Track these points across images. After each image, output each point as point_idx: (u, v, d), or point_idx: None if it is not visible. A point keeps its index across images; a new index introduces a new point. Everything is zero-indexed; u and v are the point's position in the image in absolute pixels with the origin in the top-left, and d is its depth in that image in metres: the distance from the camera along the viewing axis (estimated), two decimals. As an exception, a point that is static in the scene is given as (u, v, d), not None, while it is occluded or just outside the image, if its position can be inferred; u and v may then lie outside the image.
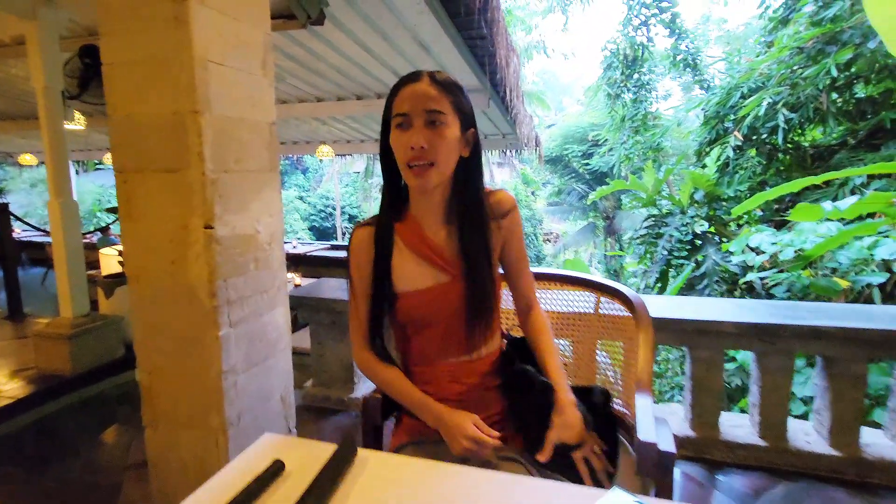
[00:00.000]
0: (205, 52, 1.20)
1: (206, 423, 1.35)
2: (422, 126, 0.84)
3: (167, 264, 1.30)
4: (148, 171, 1.27)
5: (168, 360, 1.36)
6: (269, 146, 1.46)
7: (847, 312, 1.67)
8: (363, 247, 0.95)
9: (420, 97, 0.84)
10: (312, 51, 4.14)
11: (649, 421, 0.87)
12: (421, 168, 0.85)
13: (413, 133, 0.84)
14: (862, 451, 1.64)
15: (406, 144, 0.85)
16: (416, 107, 0.84)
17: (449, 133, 0.85)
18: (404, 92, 0.86)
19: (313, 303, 2.11)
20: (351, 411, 2.18)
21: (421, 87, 0.85)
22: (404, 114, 0.85)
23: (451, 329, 0.93)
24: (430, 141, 0.84)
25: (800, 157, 6.47)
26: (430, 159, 0.85)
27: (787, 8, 6.72)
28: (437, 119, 0.84)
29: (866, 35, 5.27)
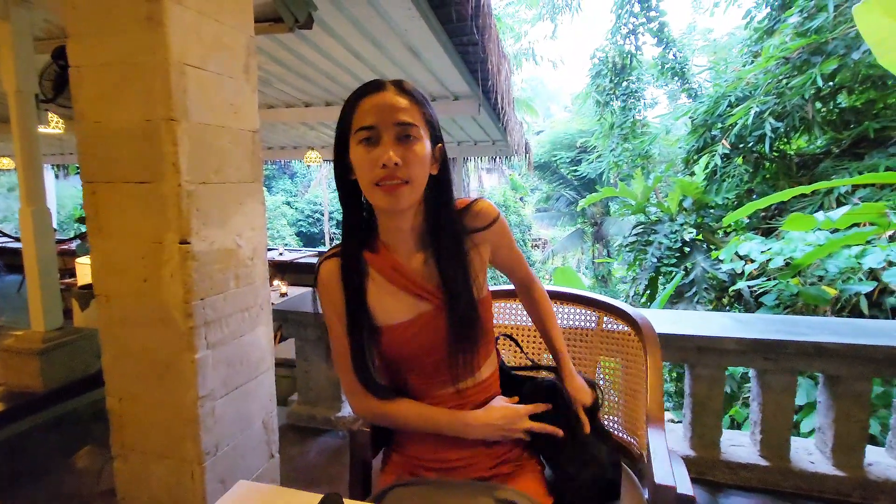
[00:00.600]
0: (182, 54, 1.12)
1: (180, 453, 1.25)
2: (392, 140, 0.75)
3: (139, 283, 1.20)
4: (118, 182, 1.18)
5: (140, 385, 1.26)
6: (251, 156, 1.37)
7: (849, 328, 1.63)
8: (333, 281, 0.85)
9: (388, 108, 0.75)
10: (300, 55, 4.05)
11: (665, 460, 0.80)
12: (392, 186, 0.75)
13: (382, 148, 0.74)
14: (867, 472, 1.59)
15: (375, 161, 0.74)
16: (384, 119, 0.75)
17: (421, 148, 0.77)
18: (367, 103, 0.76)
19: (299, 317, 2.02)
20: (338, 431, 2.08)
21: (388, 98, 0.76)
22: (370, 126, 0.75)
23: (436, 360, 0.85)
24: (404, 157, 0.74)
25: (785, 166, 6.54)
26: (404, 177, 0.75)
27: (772, 19, 6.82)
28: (410, 133, 0.76)
29: (850, 46, 5.35)
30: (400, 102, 0.76)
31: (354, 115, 0.77)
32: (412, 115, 0.76)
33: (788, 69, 5.69)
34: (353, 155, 0.78)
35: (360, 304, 0.83)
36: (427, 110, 0.79)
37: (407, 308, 0.84)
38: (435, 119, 0.81)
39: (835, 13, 5.41)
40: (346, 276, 0.83)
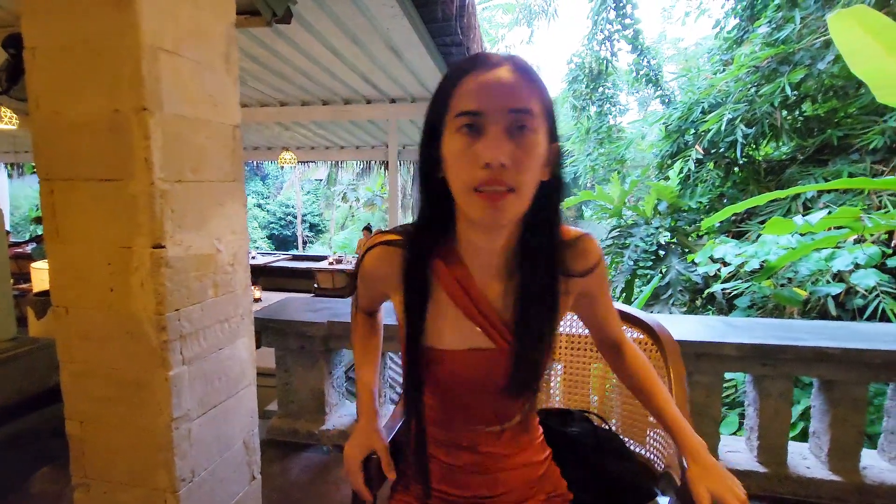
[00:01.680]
0: (155, 38, 1.00)
1: (151, 481, 1.12)
2: (501, 133, 0.57)
3: (104, 293, 1.07)
4: (80, 179, 1.05)
5: (104, 407, 1.13)
6: (232, 153, 1.26)
7: (846, 332, 1.63)
8: (384, 273, 0.72)
9: (501, 90, 0.57)
10: (277, 52, 3.91)
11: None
12: (496, 194, 0.57)
13: (488, 143, 0.57)
14: (862, 477, 1.59)
15: (476, 158, 0.57)
16: (494, 104, 0.57)
17: (538, 146, 0.59)
18: (473, 81, 0.58)
19: (280, 326, 1.89)
20: (322, 446, 1.96)
21: (502, 76, 0.58)
22: (475, 112, 0.58)
23: (484, 399, 0.74)
24: (514, 156, 0.57)
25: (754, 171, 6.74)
26: (512, 183, 0.57)
27: (741, 29, 7.04)
28: (525, 123, 0.58)
29: (815, 57, 5.55)
30: (516, 83, 0.58)
31: (454, 94, 0.59)
32: (530, 100, 0.58)
33: (758, 78, 5.86)
34: (447, 146, 0.61)
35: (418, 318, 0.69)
36: (548, 97, 0.61)
37: (462, 336, 0.70)
38: (553, 106, 0.63)
39: (801, 25, 5.61)
40: (409, 279, 0.69)
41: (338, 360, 2.06)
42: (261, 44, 3.70)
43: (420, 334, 0.70)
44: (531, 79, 0.59)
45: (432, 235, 0.69)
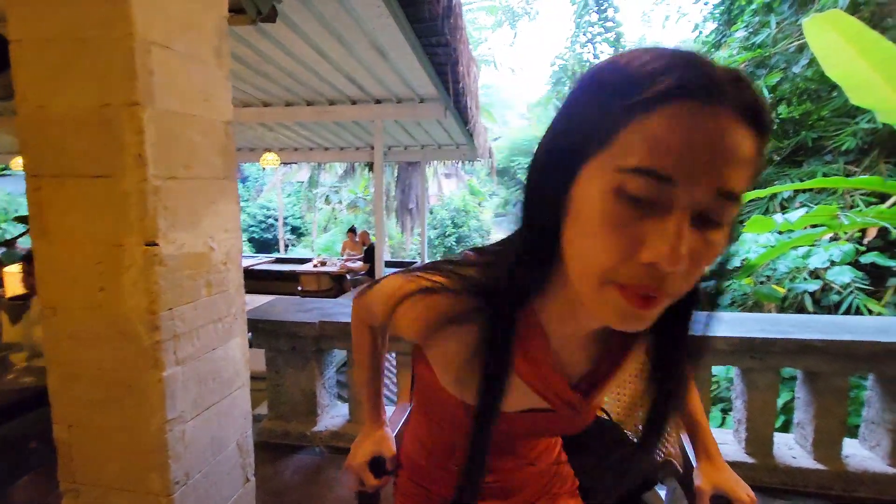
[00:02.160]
0: (147, 31, 0.98)
1: (144, 485, 1.10)
2: (688, 221, 0.36)
3: (94, 293, 1.04)
4: (68, 176, 1.02)
5: (94, 411, 1.10)
6: (224, 149, 1.24)
7: (830, 325, 1.68)
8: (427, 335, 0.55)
9: (716, 156, 0.35)
10: (261, 51, 3.85)
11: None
12: (649, 300, 0.39)
13: (668, 231, 0.36)
14: (845, 465, 1.63)
15: (637, 246, 0.37)
16: (697, 173, 0.35)
17: (724, 237, 0.39)
18: (674, 122, 0.35)
19: (271, 327, 1.87)
20: (314, 447, 1.94)
21: (724, 130, 0.35)
22: (663, 177, 0.36)
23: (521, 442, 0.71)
24: (696, 257, 0.37)
25: (733, 172, 6.90)
26: (676, 291, 0.39)
27: (719, 33, 7.22)
28: (726, 214, 0.37)
29: (790, 61, 5.71)
30: (741, 147, 0.36)
31: (627, 128, 0.36)
32: (747, 174, 0.37)
33: (736, 80, 6.02)
34: (587, 199, 0.39)
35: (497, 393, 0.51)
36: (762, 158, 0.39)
37: (519, 399, 0.57)
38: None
39: (776, 30, 5.77)
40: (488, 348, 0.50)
41: (329, 360, 2.04)
42: (245, 43, 3.65)
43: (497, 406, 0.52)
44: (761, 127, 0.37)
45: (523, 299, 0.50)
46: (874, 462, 1.64)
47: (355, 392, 0.74)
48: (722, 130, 0.35)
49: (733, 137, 0.35)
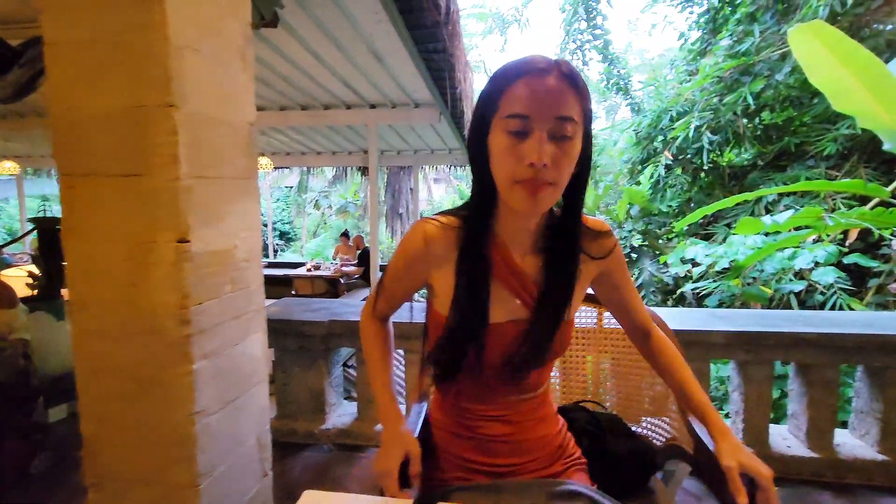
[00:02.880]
0: (179, 35, 1.02)
1: (170, 478, 1.12)
2: (545, 137, 0.64)
3: (124, 288, 1.07)
4: (101, 175, 1.05)
5: (121, 404, 1.12)
6: (247, 150, 1.27)
7: (820, 319, 1.76)
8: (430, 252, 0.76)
9: (549, 98, 0.64)
10: (258, 57, 3.88)
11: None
12: (536, 186, 0.66)
13: (533, 145, 0.64)
14: (837, 453, 1.71)
15: (521, 157, 0.65)
16: (541, 110, 0.64)
17: (575, 148, 0.67)
18: (524, 86, 0.65)
19: (280, 326, 1.89)
20: (322, 445, 1.97)
21: (550, 83, 0.64)
22: (523, 116, 0.65)
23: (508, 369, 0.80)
24: (555, 158, 0.65)
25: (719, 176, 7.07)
26: (550, 179, 0.66)
27: (704, 41, 7.40)
28: (567, 130, 0.65)
29: (773, 68, 5.89)
30: (563, 92, 0.64)
31: (504, 95, 0.66)
32: (574, 108, 0.65)
33: (722, 87, 6.18)
34: (493, 141, 0.68)
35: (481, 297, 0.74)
36: (589, 102, 0.68)
37: (504, 310, 0.77)
38: (591, 110, 0.70)
39: (760, 38, 5.95)
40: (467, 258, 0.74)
41: (336, 359, 2.07)
42: (243, 47, 3.67)
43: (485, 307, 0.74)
44: (576, 86, 0.66)
45: (486, 222, 0.75)
46: (864, 450, 1.72)
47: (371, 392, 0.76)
48: (550, 86, 0.64)
49: (555, 85, 0.64)
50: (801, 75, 5.75)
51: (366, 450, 1.94)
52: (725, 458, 0.72)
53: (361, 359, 1.97)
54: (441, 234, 0.76)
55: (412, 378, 1.94)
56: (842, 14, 5.23)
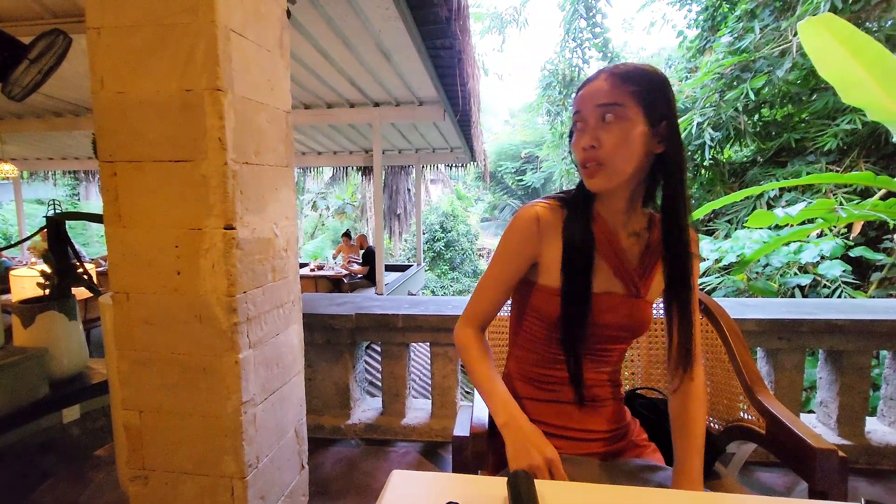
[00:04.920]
0: (227, 18, 1.00)
1: (217, 468, 1.10)
2: (594, 124, 0.75)
3: (170, 276, 1.05)
4: (146, 161, 1.03)
5: (166, 395, 1.10)
6: (285, 137, 1.26)
7: (851, 306, 1.77)
8: (539, 228, 0.81)
9: (593, 93, 0.75)
10: (265, 53, 3.85)
11: (803, 427, 0.80)
12: (591, 169, 0.76)
13: (584, 132, 0.76)
14: (869, 440, 1.71)
15: (577, 146, 0.77)
16: (587, 104, 0.76)
17: (624, 127, 0.73)
18: (581, 92, 0.78)
19: (307, 320, 1.87)
20: (349, 439, 1.95)
21: (596, 84, 0.76)
22: (577, 112, 0.78)
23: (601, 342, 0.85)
24: (599, 138, 0.74)
25: (720, 173, 7.11)
26: (598, 159, 0.75)
27: (703, 38, 7.45)
28: (610, 113, 0.73)
29: (773, 65, 5.93)
30: (606, 84, 0.74)
31: (574, 104, 0.80)
32: (616, 94, 0.73)
33: (723, 84, 6.21)
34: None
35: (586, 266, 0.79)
36: (642, 87, 0.74)
37: (604, 282, 0.82)
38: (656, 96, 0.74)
39: (760, 35, 5.99)
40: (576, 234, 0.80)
41: (359, 354, 2.06)
42: (251, 44, 3.65)
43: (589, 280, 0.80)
44: (622, 78, 0.74)
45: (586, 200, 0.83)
46: (895, 436, 1.73)
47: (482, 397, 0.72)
48: (595, 85, 0.76)
49: (601, 83, 0.75)
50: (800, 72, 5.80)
51: (393, 444, 1.93)
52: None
53: (386, 351, 1.96)
54: (550, 213, 0.83)
55: (439, 371, 1.93)
56: (841, 10, 5.28)
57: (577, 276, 0.80)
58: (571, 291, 0.80)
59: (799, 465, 0.78)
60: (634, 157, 0.74)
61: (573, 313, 0.80)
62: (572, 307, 0.80)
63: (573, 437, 0.85)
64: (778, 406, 0.88)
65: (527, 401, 0.89)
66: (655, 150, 0.76)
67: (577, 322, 0.80)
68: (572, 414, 0.86)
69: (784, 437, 0.81)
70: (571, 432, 0.85)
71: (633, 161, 0.74)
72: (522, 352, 0.90)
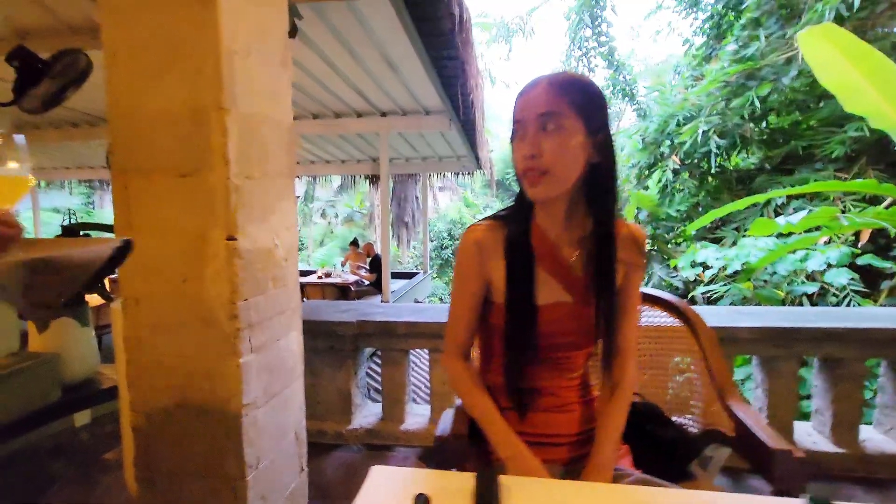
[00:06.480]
0: (231, 39, 1.06)
1: (220, 470, 1.14)
2: (534, 132, 0.76)
3: (177, 283, 1.11)
4: (156, 174, 1.09)
5: (172, 397, 1.15)
6: (287, 149, 1.31)
7: (849, 314, 1.78)
8: (480, 251, 0.85)
9: (532, 102, 0.77)
10: (274, 65, 3.95)
11: (766, 429, 0.83)
12: (533, 177, 0.77)
13: (523, 141, 0.78)
14: (864, 448, 1.72)
15: (519, 153, 0.79)
16: (527, 113, 0.77)
17: (562, 137, 0.75)
18: (520, 100, 0.79)
19: (311, 326, 1.91)
20: (351, 445, 1.99)
21: (535, 92, 0.77)
22: (517, 120, 0.79)
23: (559, 350, 0.87)
24: (541, 147, 0.76)
25: (726, 180, 7.08)
26: (543, 167, 0.76)
27: (709, 46, 7.47)
28: (551, 122, 0.75)
29: (779, 72, 5.93)
30: (546, 93, 0.76)
31: (513, 111, 0.81)
32: (556, 104, 0.75)
33: (728, 92, 6.22)
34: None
35: (527, 279, 0.82)
36: (580, 97, 0.76)
37: (549, 293, 0.84)
38: (594, 107, 0.78)
39: (766, 43, 6.00)
40: (512, 251, 0.83)
41: (361, 360, 2.10)
42: (260, 57, 3.74)
43: (531, 294, 0.82)
44: (560, 87, 0.76)
45: (527, 215, 0.86)
46: (891, 444, 1.73)
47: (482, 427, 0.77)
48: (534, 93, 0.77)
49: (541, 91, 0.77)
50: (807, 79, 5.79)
51: (394, 449, 1.96)
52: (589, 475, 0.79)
53: (387, 357, 2.00)
54: (488, 234, 0.86)
55: (438, 377, 1.97)
56: (847, 18, 5.28)
57: (519, 291, 0.83)
58: (513, 305, 0.83)
59: (761, 466, 0.80)
60: (575, 165, 0.77)
61: (516, 326, 0.83)
62: (515, 320, 0.83)
63: (539, 443, 0.87)
64: (745, 409, 0.91)
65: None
66: (592, 161, 0.79)
67: (521, 333, 0.83)
68: (543, 420, 0.88)
69: (748, 439, 0.84)
70: (538, 438, 0.87)
71: (574, 170, 0.77)
72: (488, 364, 0.94)
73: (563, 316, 0.84)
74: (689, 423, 1.13)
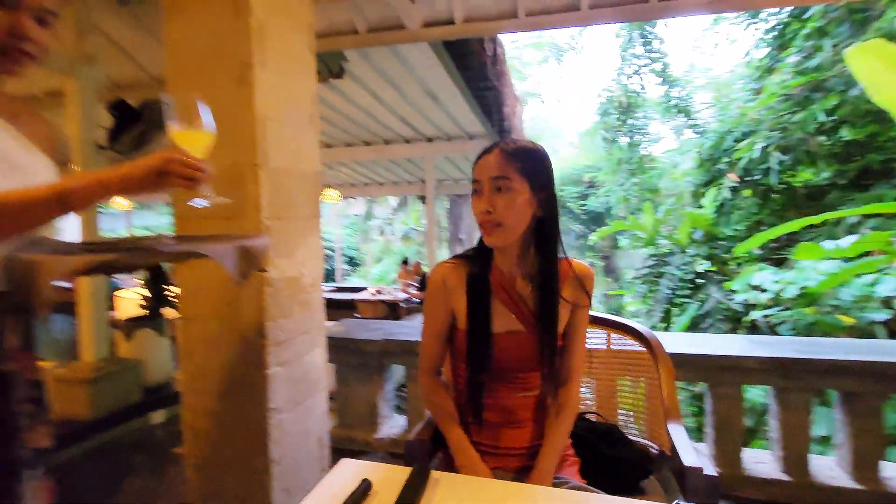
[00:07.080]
0: (264, 110, 1.32)
1: (250, 464, 1.37)
2: (489, 192, 0.92)
3: (222, 306, 1.36)
4: (207, 218, 1.36)
5: (215, 401, 1.40)
6: (313, 194, 1.55)
7: (864, 347, 1.73)
8: (447, 286, 1.01)
9: (487, 165, 0.93)
10: (326, 101, 4.35)
11: (689, 447, 0.92)
12: (489, 228, 0.93)
13: (481, 198, 0.93)
14: (885, 486, 1.66)
15: (476, 208, 0.95)
16: (483, 174, 0.93)
17: (512, 197, 0.91)
18: (478, 163, 0.96)
19: (343, 344, 2.15)
20: (377, 452, 2.18)
21: (490, 158, 0.93)
22: (475, 180, 0.95)
23: (519, 370, 1.00)
24: (494, 204, 0.91)
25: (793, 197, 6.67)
26: (496, 220, 0.92)
27: (771, 58, 7.14)
28: (501, 185, 0.91)
29: (848, 83, 5.58)
30: (497, 160, 0.92)
31: (473, 171, 0.97)
32: (505, 170, 0.91)
33: (790, 105, 5.92)
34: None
35: (485, 311, 0.98)
36: (525, 164, 0.92)
37: (504, 323, 0.99)
38: (538, 171, 0.93)
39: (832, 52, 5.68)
40: (473, 286, 0.99)
41: (389, 375, 2.30)
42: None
43: (488, 323, 0.98)
44: (510, 155, 0.93)
45: (487, 257, 1.02)
46: (919, 484, 1.66)
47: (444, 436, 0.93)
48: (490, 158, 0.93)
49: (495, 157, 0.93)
50: (880, 89, 5.41)
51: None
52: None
53: (411, 374, 2.18)
54: (453, 270, 1.02)
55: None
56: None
57: (478, 320, 0.98)
58: (473, 332, 0.98)
59: (679, 483, 0.89)
60: (523, 219, 0.93)
61: (476, 350, 0.98)
62: (475, 345, 0.98)
63: (493, 453, 1.00)
64: (678, 431, 0.99)
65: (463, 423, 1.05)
66: (538, 214, 0.94)
67: (480, 356, 0.98)
68: (500, 433, 1.01)
69: (676, 458, 0.93)
70: (492, 448, 1.01)
71: (522, 222, 0.94)
72: (456, 381, 1.09)
73: (516, 342, 0.98)
74: (648, 445, 1.20)
